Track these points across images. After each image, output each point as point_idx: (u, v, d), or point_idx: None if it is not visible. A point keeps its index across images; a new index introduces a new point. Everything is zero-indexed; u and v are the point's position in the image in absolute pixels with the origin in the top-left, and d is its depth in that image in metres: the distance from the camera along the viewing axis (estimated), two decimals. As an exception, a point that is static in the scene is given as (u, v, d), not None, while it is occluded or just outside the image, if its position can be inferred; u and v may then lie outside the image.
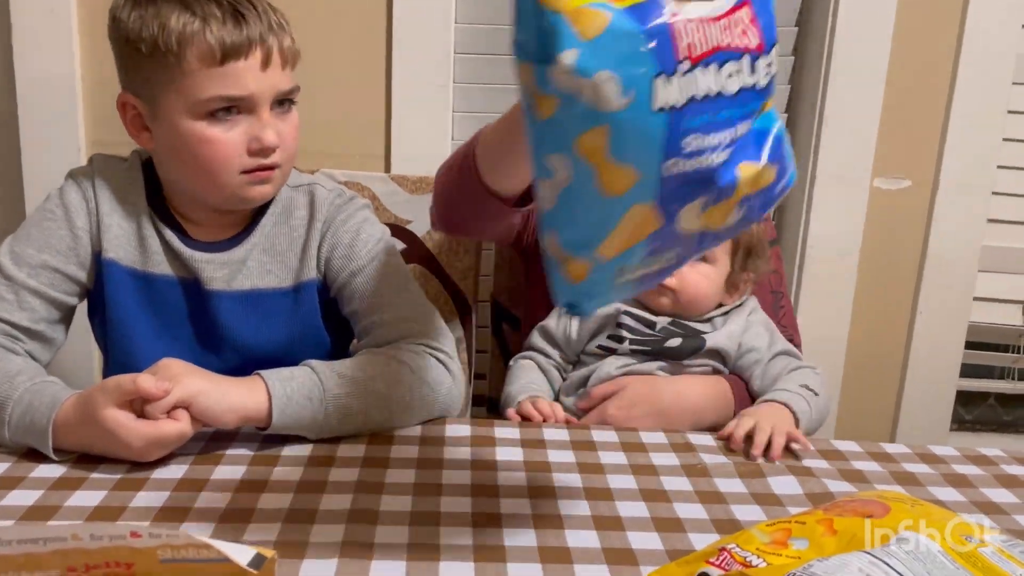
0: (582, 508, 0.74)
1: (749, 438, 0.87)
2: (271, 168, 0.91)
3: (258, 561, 0.41)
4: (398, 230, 1.33)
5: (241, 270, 0.96)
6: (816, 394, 0.97)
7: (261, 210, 0.98)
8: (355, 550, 0.65)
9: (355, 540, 0.66)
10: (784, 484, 0.80)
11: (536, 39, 0.49)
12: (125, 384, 0.75)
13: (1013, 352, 1.69)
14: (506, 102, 1.52)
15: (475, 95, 1.52)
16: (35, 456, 0.78)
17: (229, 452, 0.81)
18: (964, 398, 1.72)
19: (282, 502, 0.72)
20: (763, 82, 0.55)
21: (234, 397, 0.79)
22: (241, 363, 0.96)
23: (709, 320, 1.05)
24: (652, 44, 0.49)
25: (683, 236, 0.57)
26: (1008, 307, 1.64)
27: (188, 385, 0.77)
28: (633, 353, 1.01)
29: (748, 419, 0.89)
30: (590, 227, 0.54)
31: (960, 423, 1.76)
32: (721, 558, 0.59)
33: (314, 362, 0.86)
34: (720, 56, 0.52)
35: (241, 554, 0.42)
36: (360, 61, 1.45)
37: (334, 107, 1.45)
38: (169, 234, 0.95)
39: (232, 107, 0.88)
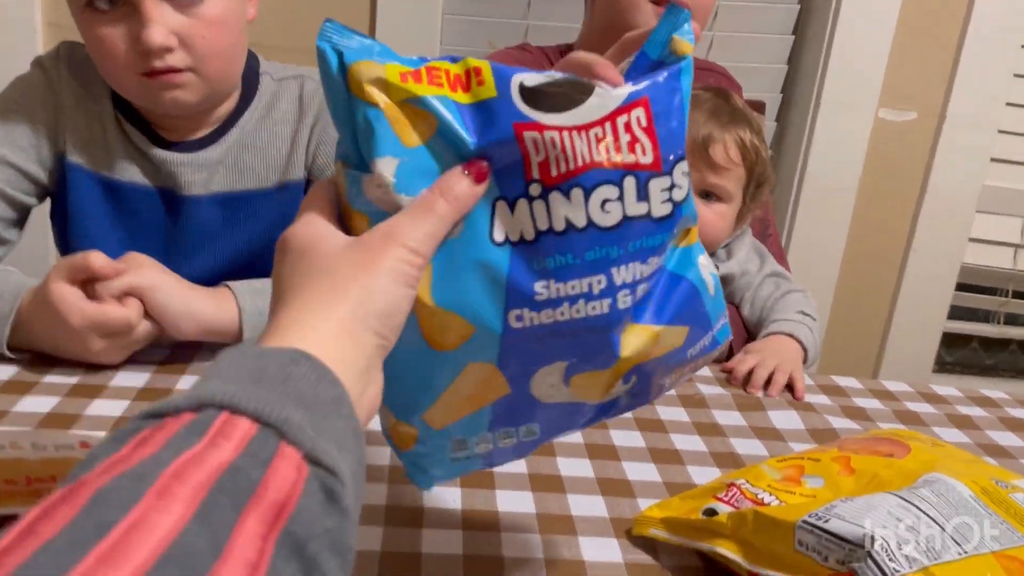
0: (574, 436, 0.69)
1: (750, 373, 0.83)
2: (172, 71, 0.77)
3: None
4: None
5: (218, 171, 0.88)
6: (814, 319, 0.93)
7: (243, 105, 0.89)
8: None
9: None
10: (785, 419, 0.76)
11: (350, 139, 0.38)
12: (76, 259, 0.69)
13: (1001, 295, 1.67)
14: (499, 6, 1.43)
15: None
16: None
17: (194, 364, 0.75)
18: (947, 340, 1.71)
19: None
20: (661, 210, 0.40)
21: (198, 305, 0.73)
22: (219, 270, 0.88)
23: (712, 255, 1.00)
24: (491, 159, 0.38)
25: (547, 408, 0.43)
26: (1002, 249, 1.61)
27: (146, 275, 0.71)
28: None
29: (753, 355, 0.85)
30: (413, 386, 0.41)
31: (941, 365, 1.74)
32: (730, 494, 0.55)
33: None
34: (590, 177, 0.38)
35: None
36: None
37: (316, 6, 1.35)
38: (136, 135, 0.86)
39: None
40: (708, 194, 0.94)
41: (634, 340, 0.41)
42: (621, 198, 0.39)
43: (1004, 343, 1.76)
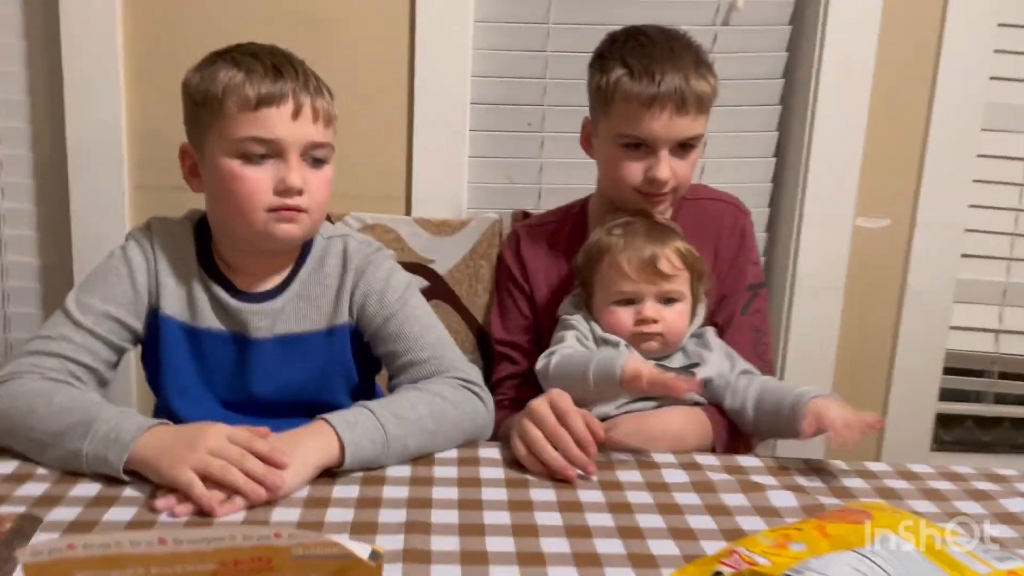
0: (606, 520, 0.85)
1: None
2: (296, 210, 1.01)
3: (375, 556, 0.52)
4: (422, 269, 1.44)
5: (280, 316, 1.07)
6: None
7: (299, 261, 1.09)
8: (415, 556, 0.75)
9: (414, 548, 0.77)
10: (782, 498, 0.91)
11: None
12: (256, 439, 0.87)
13: (988, 377, 1.81)
14: (517, 147, 1.64)
15: (489, 142, 1.64)
16: (71, 476, 0.88)
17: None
18: (944, 420, 1.84)
19: (345, 516, 0.83)
20: None
21: (314, 458, 0.89)
22: (275, 398, 1.08)
23: (681, 349, 1.16)
24: None
25: None
26: (982, 335, 1.77)
27: (290, 478, 0.86)
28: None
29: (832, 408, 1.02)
30: None
31: (941, 444, 1.87)
32: (732, 559, 0.70)
33: (370, 404, 0.96)
34: None
35: (361, 550, 0.53)
36: (384, 111, 1.56)
37: (360, 154, 1.56)
38: (217, 290, 1.06)
39: (265, 154, 0.99)
40: (668, 300, 1.14)
41: None
42: None
43: (998, 420, 1.89)
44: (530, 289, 1.31)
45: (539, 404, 0.97)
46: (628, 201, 1.21)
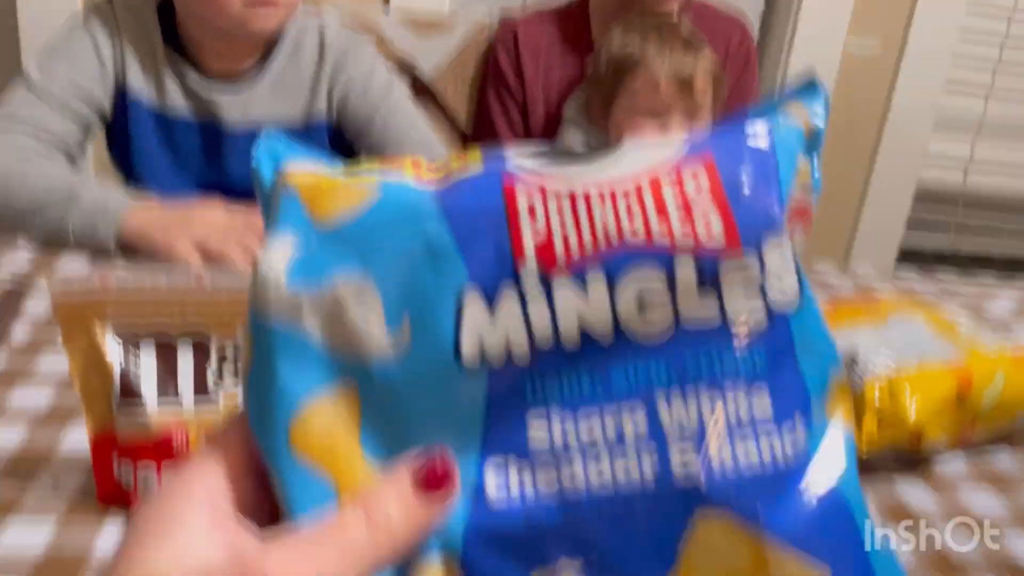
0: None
1: None
2: (273, 4, 0.90)
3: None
4: (402, 70, 1.36)
5: (252, 102, 0.99)
6: None
7: (272, 47, 1.00)
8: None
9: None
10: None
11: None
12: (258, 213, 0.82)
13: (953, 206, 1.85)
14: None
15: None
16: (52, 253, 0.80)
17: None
18: (906, 257, 1.89)
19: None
20: (745, 311, 0.24)
21: None
22: (253, 195, 1.03)
23: None
24: (464, 239, 0.24)
25: None
26: (955, 169, 1.79)
27: None
28: None
29: None
30: None
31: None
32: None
33: None
34: (619, 261, 0.24)
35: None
36: None
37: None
38: (186, 69, 0.97)
39: None
40: (692, 116, 1.08)
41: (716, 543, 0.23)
42: (672, 289, 0.24)
43: (957, 259, 1.95)
44: (523, 96, 1.20)
45: None
46: None
